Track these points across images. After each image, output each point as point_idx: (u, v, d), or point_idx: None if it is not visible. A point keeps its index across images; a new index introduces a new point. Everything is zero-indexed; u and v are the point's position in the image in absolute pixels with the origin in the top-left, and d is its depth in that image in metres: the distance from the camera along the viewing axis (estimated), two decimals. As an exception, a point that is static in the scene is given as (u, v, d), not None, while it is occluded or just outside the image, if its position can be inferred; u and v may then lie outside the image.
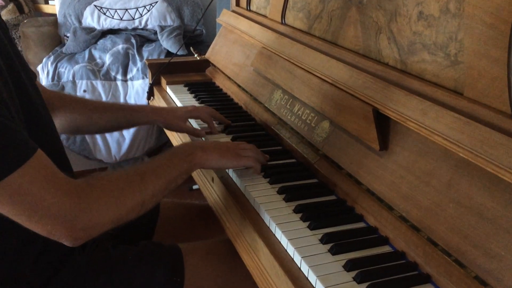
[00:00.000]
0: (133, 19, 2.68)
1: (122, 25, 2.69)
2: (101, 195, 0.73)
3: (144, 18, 2.69)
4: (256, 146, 1.00)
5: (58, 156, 0.76)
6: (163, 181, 0.82)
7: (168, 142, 2.45)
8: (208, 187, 1.04)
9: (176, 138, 1.30)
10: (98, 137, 2.45)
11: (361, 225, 0.82)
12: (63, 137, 2.40)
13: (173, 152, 0.90)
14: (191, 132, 1.15)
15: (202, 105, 1.31)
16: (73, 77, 2.42)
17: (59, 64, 2.47)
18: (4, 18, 2.71)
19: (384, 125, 0.85)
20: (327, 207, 0.87)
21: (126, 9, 2.66)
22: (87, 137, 2.44)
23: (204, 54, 1.65)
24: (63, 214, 0.68)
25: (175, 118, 1.14)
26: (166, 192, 0.84)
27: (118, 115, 1.14)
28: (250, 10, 1.54)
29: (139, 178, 0.79)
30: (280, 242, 0.79)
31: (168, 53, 2.51)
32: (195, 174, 1.13)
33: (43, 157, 0.70)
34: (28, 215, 0.67)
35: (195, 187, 2.38)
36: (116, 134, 2.45)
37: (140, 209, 0.79)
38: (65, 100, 1.11)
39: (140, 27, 2.72)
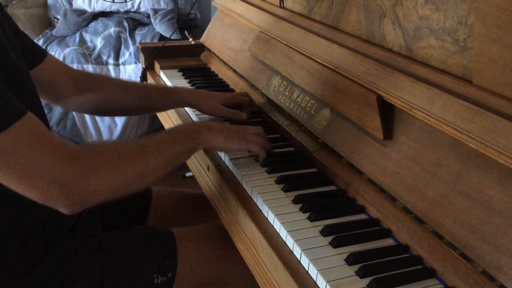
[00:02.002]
0: (126, 1, 2.62)
1: (114, 7, 2.63)
2: (99, 161, 0.70)
3: (137, 0, 2.62)
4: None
5: None
6: (165, 156, 0.79)
7: (161, 128, 2.41)
8: (203, 175, 1.01)
9: (170, 125, 1.26)
10: (89, 122, 2.40)
11: (362, 216, 0.80)
12: (53, 122, 2.34)
13: (178, 129, 0.87)
14: (231, 114, 1.08)
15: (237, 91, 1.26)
16: (64, 60, 2.36)
17: (49, 47, 2.40)
18: (-9, -2, 2.63)
19: (388, 113, 0.81)
20: (327, 197, 0.84)
21: (119, -9, 2.59)
22: (78, 122, 2.39)
23: (199, 39, 1.60)
24: (58, 178, 0.65)
25: (214, 102, 1.08)
26: (168, 169, 0.81)
27: (151, 94, 1.09)
28: (247, -7, 1.49)
29: (140, 150, 0.76)
30: (278, 233, 0.76)
31: (162, 37, 2.46)
32: (190, 162, 1.09)
33: (34, 119, 0.67)
34: (21, 179, 0.64)
35: (188, 174, 2.35)
36: (107, 119, 2.40)
37: (140, 182, 0.76)
38: (95, 79, 1.07)
39: (132, 10, 2.66)
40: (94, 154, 0.71)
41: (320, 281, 0.65)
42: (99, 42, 2.44)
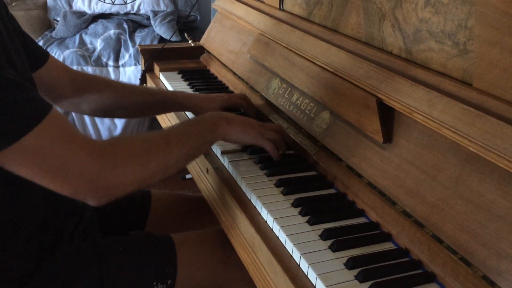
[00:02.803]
0: (125, 3, 2.62)
1: (114, 9, 2.63)
2: (126, 156, 0.72)
3: (137, 2, 2.62)
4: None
5: None
6: (187, 148, 0.81)
7: (160, 131, 2.40)
8: (202, 178, 1.00)
9: (168, 125, 1.25)
10: (88, 123, 2.40)
11: (362, 220, 0.79)
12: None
13: (198, 120, 0.88)
14: None
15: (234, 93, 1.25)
16: (63, 62, 2.36)
17: (48, 49, 2.40)
18: (-9, 0, 2.63)
19: (388, 117, 0.81)
20: (327, 201, 0.84)
21: (118, -7, 2.59)
22: (78, 123, 2.38)
23: (199, 41, 1.60)
24: (88, 174, 0.67)
25: (213, 107, 1.09)
26: (189, 160, 0.83)
27: (149, 100, 1.10)
28: (246, -5, 1.49)
29: (164, 142, 0.78)
30: (278, 237, 0.75)
31: (161, 39, 2.46)
32: (189, 165, 1.09)
33: (60, 115, 0.68)
34: (52, 176, 0.65)
35: (188, 176, 2.34)
36: (107, 121, 2.40)
37: (164, 173, 0.77)
38: (93, 82, 1.07)
39: (132, 12, 2.66)
40: (120, 148, 0.72)
41: (320, 286, 0.65)
42: (98, 44, 2.44)
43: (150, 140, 0.77)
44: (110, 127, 2.43)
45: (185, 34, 1.65)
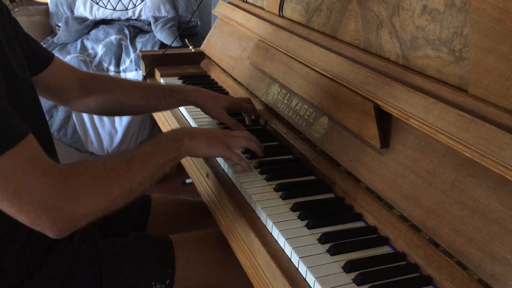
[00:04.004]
0: (127, 9, 2.64)
1: (115, 15, 2.65)
2: (88, 183, 0.70)
3: (138, 8, 2.64)
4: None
5: (44, 141, 0.73)
6: (151, 168, 0.79)
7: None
8: (202, 182, 1.01)
9: (167, 128, 1.27)
10: (90, 129, 2.41)
11: (360, 224, 0.80)
12: (53, 129, 2.35)
13: (160, 139, 0.87)
14: (232, 124, 1.09)
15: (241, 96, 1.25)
16: (65, 67, 2.37)
17: (50, 54, 2.42)
18: (-6, 6, 2.65)
19: (385, 122, 0.82)
20: (325, 205, 0.85)
21: (120, -1, 2.61)
22: (79, 129, 2.40)
23: (199, 46, 1.62)
24: (47, 202, 0.65)
25: (218, 106, 1.10)
26: (154, 180, 0.80)
27: (157, 93, 1.10)
28: (246, 2, 1.50)
29: (126, 166, 0.76)
30: (277, 241, 0.76)
31: (162, 45, 2.48)
32: (189, 169, 1.10)
33: (33, 141, 0.67)
34: (12, 200, 0.64)
35: (188, 181, 2.36)
36: (108, 126, 2.41)
37: (128, 197, 0.76)
38: (101, 81, 1.08)
39: (133, 17, 2.68)
40: (83, 176, 0.70)
41: (318, 289, 0.66)
42: (100, 50, 2.45)
43: (112, 165, 0.75)
44: (111, 132, 2.44)
45: (186, 40, 1.67)
